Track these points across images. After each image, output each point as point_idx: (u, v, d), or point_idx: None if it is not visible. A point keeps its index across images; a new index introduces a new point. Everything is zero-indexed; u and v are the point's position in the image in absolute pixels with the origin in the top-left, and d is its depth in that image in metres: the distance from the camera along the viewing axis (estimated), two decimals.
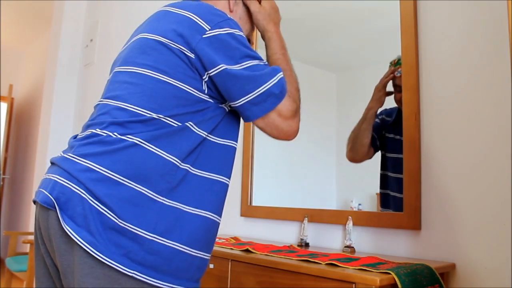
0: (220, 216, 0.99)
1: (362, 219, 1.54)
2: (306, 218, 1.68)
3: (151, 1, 2.85)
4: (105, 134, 0.89)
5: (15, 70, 6.20)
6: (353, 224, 1.54)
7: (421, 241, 1.39)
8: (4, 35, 5.53)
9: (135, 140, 0.87)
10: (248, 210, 2.00)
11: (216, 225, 0.97)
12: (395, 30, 1.53)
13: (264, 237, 1.91)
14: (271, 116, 0.96)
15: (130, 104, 0.91)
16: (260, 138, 2.06)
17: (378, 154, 1.59)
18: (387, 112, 1.58)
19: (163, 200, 0.87)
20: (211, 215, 0.95)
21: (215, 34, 0.92)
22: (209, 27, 0.93)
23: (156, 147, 0.88)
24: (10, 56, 6.13)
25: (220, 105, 0.97)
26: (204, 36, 0.92)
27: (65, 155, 0.91)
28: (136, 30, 1.11)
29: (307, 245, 1.65)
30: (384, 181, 1.56)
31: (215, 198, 0.97)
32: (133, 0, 3.08)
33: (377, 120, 1.61)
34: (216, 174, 0.97)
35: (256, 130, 2.05)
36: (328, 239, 1.65)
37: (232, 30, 0.94)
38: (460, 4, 1.38)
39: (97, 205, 0.82)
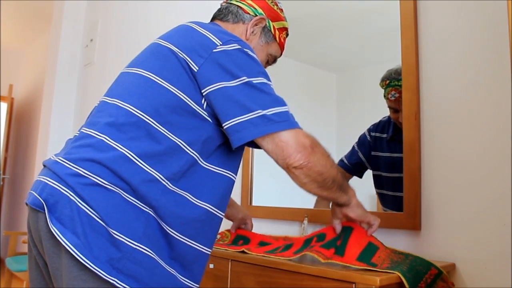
0: (211, 247, 0.99)
1: None
2: (306, 218, 1.68)
3: (151, 1, 2.85)
4: (98, 137, 0.89)
5: (15, 70, 6.20)
6: None
7: (421, 241, 1.39)
8: (4, 35, 5.53)
9: (126, 152, 0.87)
10: (248, 210, 2.00)
11: (208, 256, 0.98)
12: (395, 30, 1.53)
13: None
14: (278, 137, 0.91)
15: (127, 104, 0.91)
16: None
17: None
18: (380, 128, 1.56)
19: (149, 211, 0.87)
20: (202, 247, 0.95)
21: (225, 49, 0.93)
22: (221, 43, 0.94)
23: (146, 163, 0.87)
24: (10, 56, 6.13)
25: (220, 128, 0.95)
26: (214, 50, 0.92)
27: (56, 159, 0.91)
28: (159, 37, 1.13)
29: None
30: (383, 200, 1.56)
31: (206, 229, 0.96)
32: (133, 0, 3.08)
33: (367, 138, 1.58)
34: (208, 203, 0.95)
35: None
36: None
37: (242, 47, 0.95)
38: (460, 4, 1.38)
39: (85, 208, 0.82)
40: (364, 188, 1.61)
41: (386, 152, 1.52)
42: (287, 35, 1.29)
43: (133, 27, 3.03)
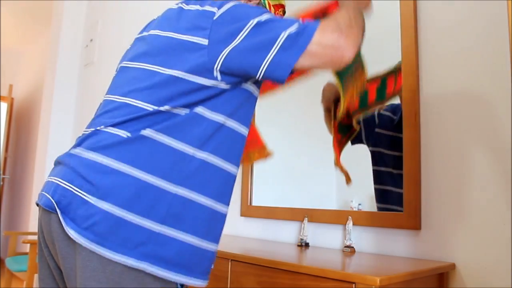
0: (228, 206, 0.99)
1: (362, 219, 1.54)
2: (306, 218, 1.68)
3: (152, 1, 2.85)
4: (111, 132, 0.88)
5: (15, 70, 6.20)
6: (353, 224, 1.54)
7: (421, 241, 1.39)
8: (4, 35, 5.52)
9: (143, 133, 0.87)
10: (248, 210, 2.00)
11: (225, 217, 0.97)
12: (395, 30, 1.53)
13: (264, 237, 1.91)
14: (315, 50, 0.86)
15: (137, 100, 0.90)
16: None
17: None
18: (392, 109, 1.57)
19: (176, 190, 0.86)
20: (223, 207, 0.95)
21: (223, 11, 0.91)
22: (216, 8, 0.92)
23: (166, 136, 0.87)
24: (10, 56, 6.13)
25: (239, 86, 0.94)
26: (214, 18, 0.90)
27: (71, 152, 0.91)
28: (146, 26, 1.10)
29: (307, 245, 1.65)
30: (381, 177, 1.56)
31: (228, 189, 0.96)
32: (133, 0, 3.08)
33: (375, 117, 1.60)
34: (231, 164, 0.96)
35: None
36: (328, 239, 1.65)
37: (236, 3, 0.93)
38: (460, 4, 1.38)
39: (101, 204, 0.82)
40: (364, 188, 1.61)
41: (391, 131, 1.53)
42: (284, 12, 1.25)
43: (133, 27, 3.03)
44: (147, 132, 0.87)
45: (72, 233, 0.80)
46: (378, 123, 1.58)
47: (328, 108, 1.63)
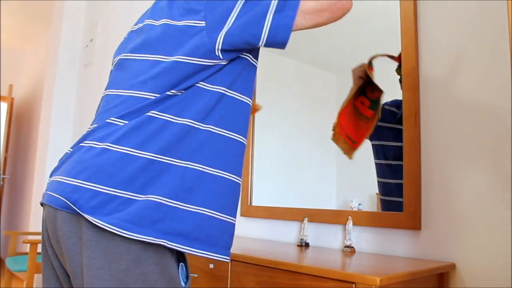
0: (241, 177, 0.98)
1: (362, 219, 1.54)
2: (306, 218, 1.68)
3: (151, 1, 2.85)
4: (117, 123, 0.89)
5: (15, 70, 6.20)
6: (353, 224, 1.54)
7: (421, 241, 1.39)
8: (4, 35, 5.53)
9: (148, 114, 0.87)
10: (248, 210, 2.00)
11: (239, 187, 0.97)
12: (395, 30, 1.53)
13: (264, 237, 1.91)
14: (308, 5, 0.87)
15: (142, 92, 0.90)
16: (260, 138, 2.06)
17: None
18: (396, 104, 1.57)
19: (186, 164, 0.87)
20: (235, 177, 0.94)
21: None
22: None
23: (169, 114, 0.88)
24: (10, 56, 6.13)
25: (238, 58, 0.94)
26: None
27: (76, 147, 0.91)
28: (139, 19, 1.10)
29: (307, 245, 1.65)
30: (383, 171, 1.56)
31: (238, 159, 0.96)
32: (133, 0, 3.08)
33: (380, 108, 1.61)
34: (238, 134, 0.95)
35: (256, 129, 2.05)
36: (328, 239, 1.65)
37: None
38: (460, 4, 1.38)
39: (111, 191, 0.82)
40: (364, 188, 1.61)
41: (394, 124, 1.53)
42: None
43: None
44: (150, 114, 0.88)
45: (93, 219, 0.79)
46: (381, 118, 1.58)
47: (359, 85, 1.65)
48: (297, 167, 1.90)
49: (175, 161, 0.86)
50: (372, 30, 1.67)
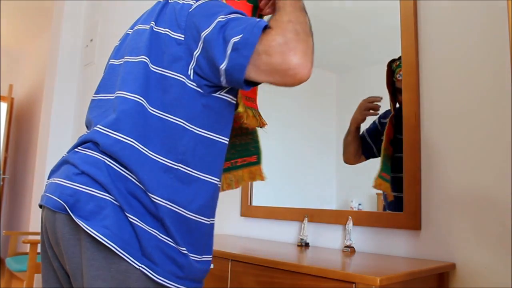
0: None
1: (362, 219, 1.54)
2: (306, 218, 1.68)
3: (151, 1, 2.85)
4: (107, 131, 0.89)
5: (15, 70, 6.20)
6: (353, 224, 1.54)
7: (421, 241, 1.39)
8: (4, 35, 5.53)
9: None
10: (248, 210, 2.00)
11: (211, 228, 0.97)
12: (395, 30, 1.53)
13: (264, 237, 1.91)
14: (260, 61, 0.80)
15: (129, 93, 0.90)
16: (260, 138, 2.06)
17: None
18: (386, 115, 1.58)
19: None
20: (207, 220, 0.94)
21: (200, 3, 0.91)
22: (194, 1, 0.92)
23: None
24: (10, 56, 6.13)
25: (214, 95, 0.92)
26: (190, 10, 0.91)
27: (73, 150, 0.92)
28: (135, 22, 1.11)
29: (307, 245, 1.65)
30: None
31: (213, 203, 0.96)
32: (133, 0, 3.08)
33: (372, 126, 1.61)
34: (214, 177, 0.95)
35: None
36: (328, 239, 1.65)
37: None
38: (460, 4, 1.38)
39: (108, 197, 0.82)
40: (363, 188, 1.61)
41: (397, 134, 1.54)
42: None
43: None
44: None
45: (87, 228, 0.80)
46: (381, 131, 1.58)
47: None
48: (297, 167, 1.90)
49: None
50: (372, 30, 1.67)
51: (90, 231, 0.79)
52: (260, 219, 1.95)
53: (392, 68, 1.55)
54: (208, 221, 0.94)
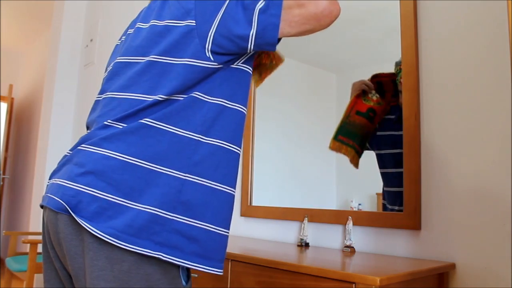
0: (235, 189, 0.98)
1: (362, 219, 1.54)
2: (306, 218, 1.68)
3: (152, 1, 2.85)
4: (114, 126, 0.89)
5: (15, 70, 6.20)
6: (353, 224, 1.54)
7: (421, 241, 1.39)
8: (4, 35, 5.53)
9: (146, 121, 0.87)
10: (248, 210, 2.00)
11: (234, 199, 0.97)
12: (395, 30, 1.53)
13: (264, 237, 1.91)
14: (292, 14, 0.85)
15: (138, 94, 0.90)
16: (260, 138, 2.06)
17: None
18: (389, 110, 1.57)
19: (185, 176, 0.86)
20: (231, 190, 0.94)
21: None
22: None
23: (166, 124, 0.87)
24: (10, 56, 6.13)
25: (233, 67, 0.93)
26: None
27: (74, 150, 0.91)
28: (133, 21, 1.10)
29: (307, 245, 1.65)
30: (388, 179, 1.56)
31: (235, 171, 0.95)
32: (133, 0, 3.08)
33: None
34: (236, 146, 0.95)
35: (256, 129, 2.06)
36: (328, 239, 1.65)
37: None
38: (460, 4, 1.38)
39: (109, 197, 0.82)
40: (363, 188, 1.61)
41: (391, 131, 1.53)
42: None
43: None
44: (147, 122, 0.87)
45: (91, 228, 0.80)
46: (378, 127, 1.58)
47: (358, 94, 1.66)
48: (297, 167, 1.90)
49: (173, 172, 0.86)
50: (372, 30, 1.67)
51: (94, 231, 0.79)
52: (260, 219, 1.95)
53: (396, 70, 1.55)
54: (230, 190, 0.94)
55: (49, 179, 0.95)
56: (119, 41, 1.10)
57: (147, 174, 0.84)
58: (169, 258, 0.82)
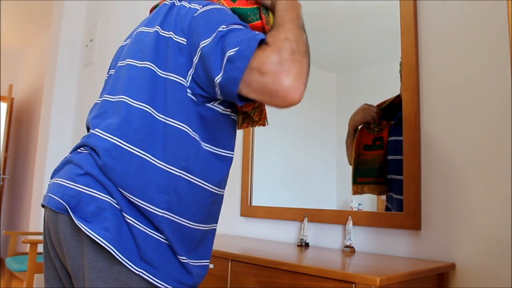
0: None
1: (362, 219, 1.54)
2: (306, 218, 1.68)
3: (151, 1, 2.85)
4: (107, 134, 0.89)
5: (15, 70, 6.20)
6: (353, 224, 1.54)
7: (421, 241, 1.39)
8: (4, 35, 5.53)
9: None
10: (248, 210, 2.00)
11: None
12: (395, 30, 1.53)
13: (264, 237, 1.91)
14: (252, 77, 0.77)
15: (132, 99, 0.90)
16: (260, 138, 2.06)
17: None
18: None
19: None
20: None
21: (206, 9, 0.89)
22: (201, 6, 0.90)
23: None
24: (10, 56, 6.13)
25: (208, 105, 0.90)
26: (195, 15, 0.89)
27: (76, 151, 0.92)
28: (140, 23, 1.10)
29: (307, 245, 1.65)
30: (389, 186, 1.55)
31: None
32: (133, 0, 3.08)
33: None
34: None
35: (256, 129, 2.05)
36: (328, 239, 1.65)
37: (220, 6, 0.90)
38: (460, 4, 1.38)
39: (109, 199, 0.82)
40: None
41: (392, 136, 1.53)
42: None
43: (133, 27, 3.03)
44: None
45: (86, 229, 0.80)
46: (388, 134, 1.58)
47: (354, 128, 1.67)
48: (297, 167, 1.90)
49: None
50: (372, 30, 1.67)
51: (90, 233, 0.79)
52: (260, 219, 1.95)
53: (400, 72, 1.54)
54: (208, 227, 0.94)
55: (51, 178, 0.96)
56: (124, 42, 1.10)
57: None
58: (149, 278, 0.82)
